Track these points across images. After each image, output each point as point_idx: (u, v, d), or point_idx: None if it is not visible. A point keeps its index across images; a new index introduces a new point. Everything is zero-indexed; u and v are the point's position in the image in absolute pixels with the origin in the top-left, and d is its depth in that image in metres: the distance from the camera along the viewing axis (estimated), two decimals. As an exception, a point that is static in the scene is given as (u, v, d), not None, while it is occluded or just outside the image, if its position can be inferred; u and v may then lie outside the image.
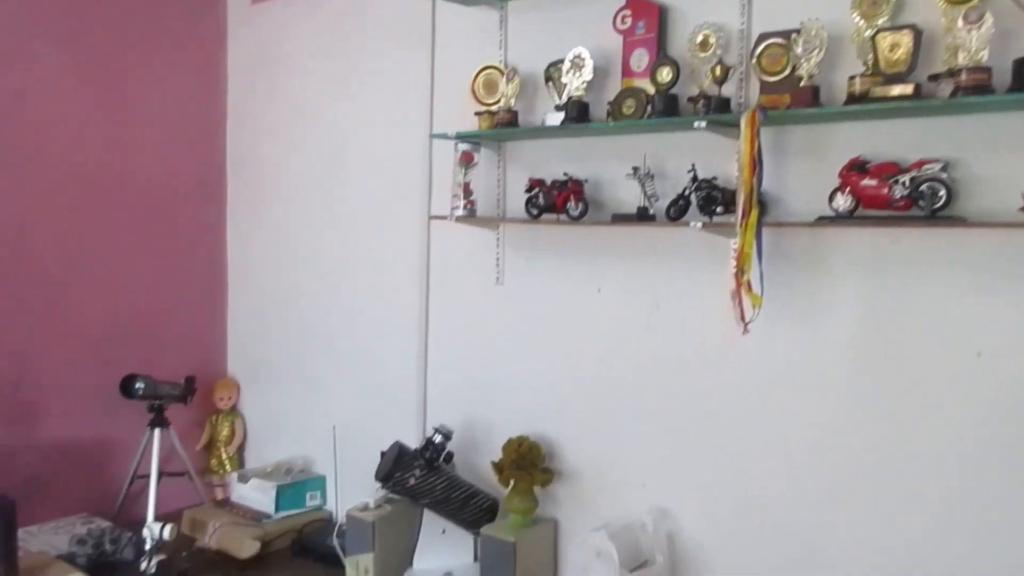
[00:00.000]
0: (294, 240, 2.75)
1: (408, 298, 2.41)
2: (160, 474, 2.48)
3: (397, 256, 2.44)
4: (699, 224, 1.65)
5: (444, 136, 2.11)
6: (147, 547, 2.27)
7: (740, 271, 1.54)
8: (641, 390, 1.97)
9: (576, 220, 1.89)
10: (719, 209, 1.70)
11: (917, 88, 1.47)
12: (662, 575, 1.82)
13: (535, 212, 1.97)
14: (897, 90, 1.47)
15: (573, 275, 2.07)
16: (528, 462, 2.02)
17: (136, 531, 2.33)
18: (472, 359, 2.29)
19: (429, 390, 2.40)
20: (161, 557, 2.24)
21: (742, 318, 1.58)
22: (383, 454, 2.37)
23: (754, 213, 1.53)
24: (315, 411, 2.71)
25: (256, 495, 2.59)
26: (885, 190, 1.50)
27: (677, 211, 1.75)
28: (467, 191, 2.08)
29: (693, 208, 1.75)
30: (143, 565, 2.25)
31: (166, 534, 2.27)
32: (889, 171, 1.51)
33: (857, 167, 1.54)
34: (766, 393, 1.77)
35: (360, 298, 2.56)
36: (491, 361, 2.25)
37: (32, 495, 2.44)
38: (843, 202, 1.55)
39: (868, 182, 1.52)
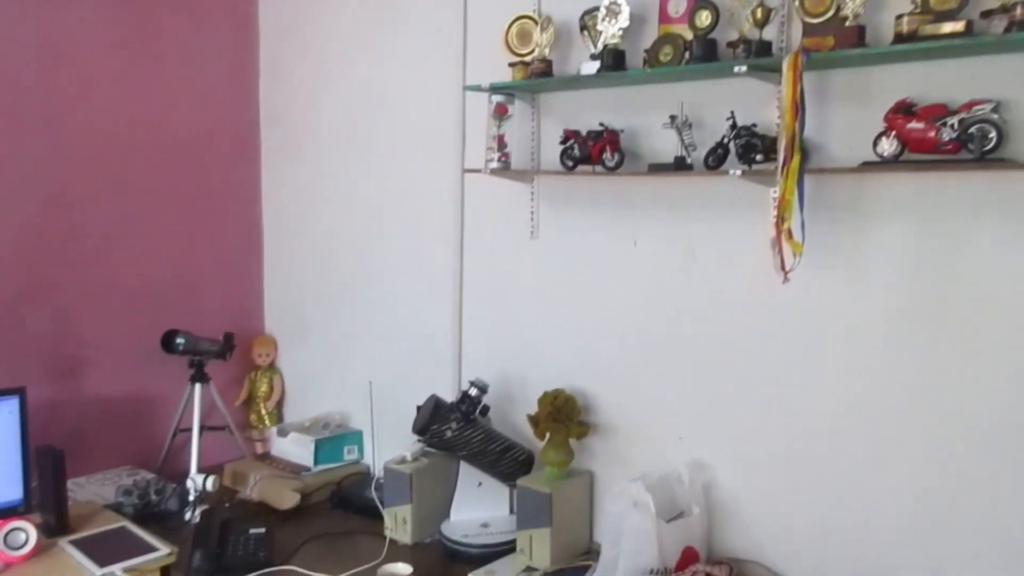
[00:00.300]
0: (327, 197, 2.75)
1: (442, 253, 2.41)
2: (202, 428, 2.54)
3: (431, 211, 2.43)
4: (738, 172, 1.62)
5: (478, 88, 2.09)
6: (191, 498, 2.34)
7: (780, 219, 1.51)
8: (677, 343, 1.95)
9: (612, 171, 1.87)
10: (759, 157, 1.66)
11: (968, 25, 1.41)
12: (698, 526, 1.82)
13: (570, 164, 1.95)
14: (948, 28, 1.42)
15: (608, 228, 2.05)
16: (564, 415, 2.02)
17: (179, 483, 2.40)
18: (507, 313, 2.29)
19: (464, 345, 2.40)
20: (204, 507, 2.30)
21: (782, 267, 1.56)
22: (419, 408, 2.39)
23: (796, 159, 1.49)
24: (351, 367, 2.73)
25: (295, 449, 2.63)
26: (932, 133, 1.46)
27: (716, 159, 1.72)
28: (501, 144, 2.06)
29: (732, 157, 1.72)
30: (187, 515, 2.31)
31: (209, 485, 2.34)
32: (937, 113, 1.46)
33: (903, 110, 1.49)
34: (806, 344, 1.74)
35: (394, 253, 2.57)
36: (526, 315, 2.25)
37: (79, 447, 2.50)
38: (888, 146, 1.51)
39: (915, 125, 1.47)
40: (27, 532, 1.94)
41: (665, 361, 1.98)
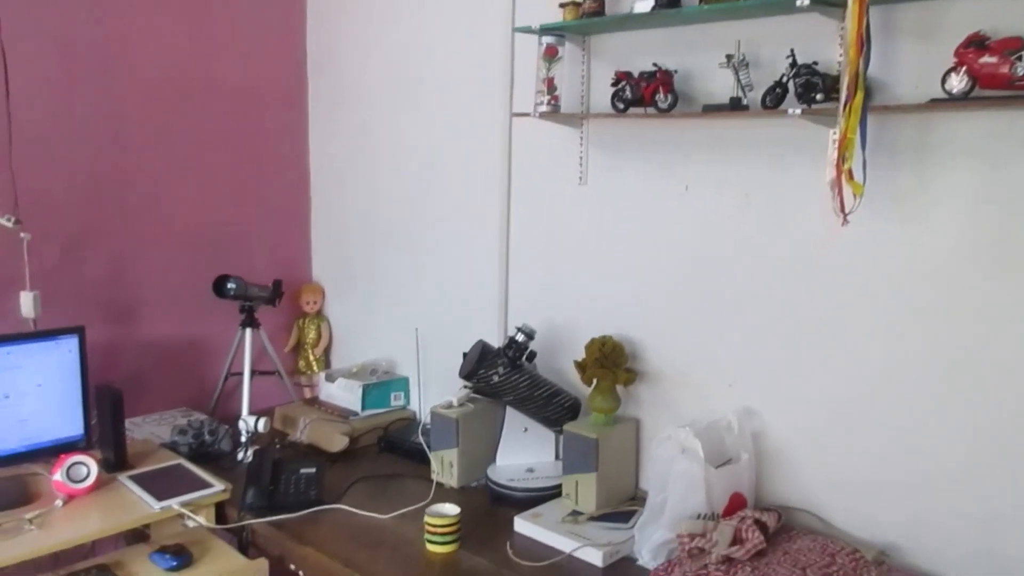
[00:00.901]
0: (374, 144, 2.75)
1: (489, 199, 2.39)
2: (252, 372, 2.59)
3: (478, 157, 2.41)
4: (798, 111, 1.57)
5: (527, 30, 2.05)
6: (243, 439, 2.39)
7: (841, 158, 1.46)
8: (728, 289, 1.92)
9: (665, 113, 1.83)
10: (819, 96, 1.61)
11: (1049, -49, 1.34)
12: (746, 472, 1.81)
13: (621, 106, 1.91)
14: (1026, -45, 1.35)
15: (659, 173, 2.01)
16: (611, 361, 2.01)
17: (232, 424, 2.45)
18: (554, 260, 2.28)
19: (510, 292, 2.40)
20: (256, 447, 2.35)
21: (842, 209, 1.51)
22: (465, 354, 2.40)
23: (859, 96, 1.44)
24: (398, 315, 2.75)
25: (343, 394, 2.67)
26: (1006, 68, 1.39)
27: (774, 99, 1.67)
28: (551, 86, 2.03)
29: (790, 97, 1.66)
30: (240, 455, 2.37)
31: (261, 426, 2.39)
32: (1012, 47, 1.39)
33: (975, 44, 1.43)
34: (862, 289, 1.70)
35: (441, 200, 2.56)
36: (573, 262, 2.23)
37: (135, 389, 2.57)
38: (958, 83, 1.44)
39: (987, 60, 1.41)
40: (88, 466, 2.01)
41: (715, 308, 1.95)
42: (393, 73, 2.64)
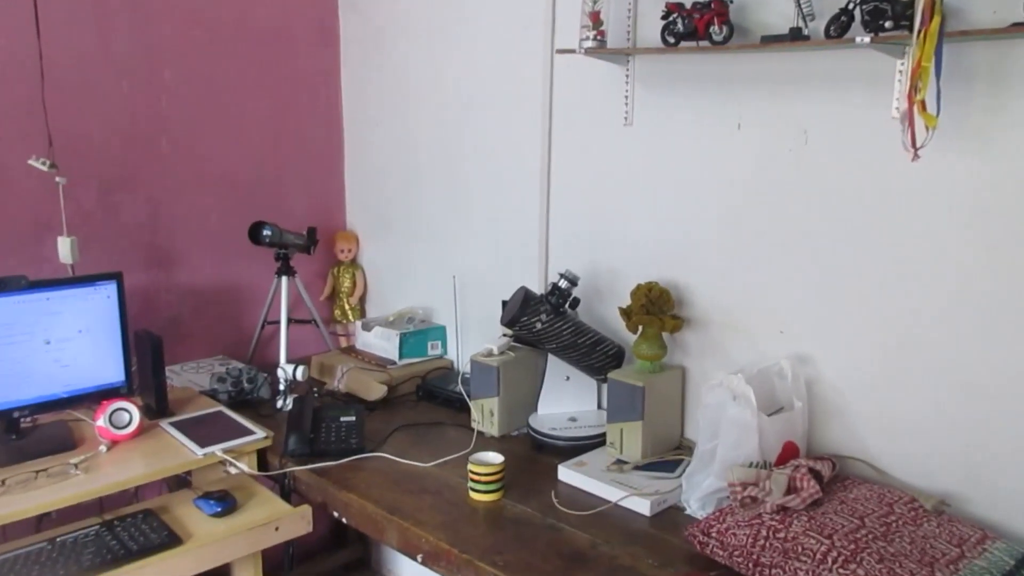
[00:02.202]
0: (409, 84, 2.67)
1: (529, 141, 2.32)
2: (289, 320, 2.57)
3: (518, 96, 2.33)
4: (867, 39, 1.47)
5: (571, -39, 1.96)
6: (281, 387, 2.38)
7: (914, 88, 1.37)
8: (781, 231, 1.85)
9: (720, 46, 1.73)
10: (888, 24, 1.50)
11: None
12: (799, 420, 1.76)
13: (672, 40, 1.82)
14: None
15: (710, 111, 1.93)
16: (657, 307, 1.96)
17: (270, 372, 2.44)
18: (597, 205, 2.21)
19: (551, 238, 2.34)
20: (295, 395, 2.34)
21: (912, 143, 1.42)
22: (504, 302, 2.36)
23: (936, 20, 1.34)
24: (433, 262, 2.71)
25: (380, 343, 2.65)
26: (1099, -12, 1.29)
27: (839, 28, 1.57)
28: (596, 20, 1.93)
29: (855, 25, 1.57)
30: (279, 402, 2.36)
31: (299, 375, 2.37)
32: (1106, -36, 1.29)
33: (1065, -38, 1.32)
34: (930, 227, 1.61)
35: (479, 143, 2.49)
36: (617, 206, 2.16)
37: (174, 336, 2.56)
38: (1044, 5, 1.34)
39: (1078, -21, 1.31)
40: (131, 412, 2.01)
41: (767, 252, 1.88)
42: (428, 9, 2.55)
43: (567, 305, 2.05)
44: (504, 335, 2.24)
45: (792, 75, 1.77)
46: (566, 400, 2.20)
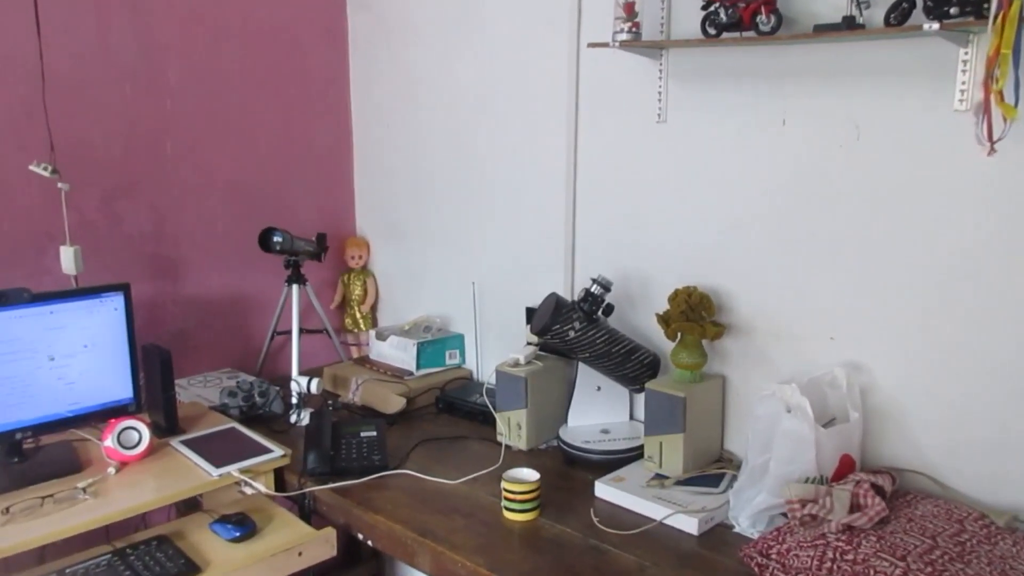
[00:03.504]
0: (420, 84, 2.56)
1: (552, 141, 2.22)
2: (300, 330, 2.46)
3: (540, 94, 2.23)
4: (935, 25, 1.38)
5: (601, -50, 1.86)
6: (294, 401, 2.27)
7: (992, 78, 1.28)
8: (831, 232, 1.75)
9: (768, 36, 1.64)
10: (953, 11, 1.41)
11: None
12: (856, 432, 1.66)
13: (714, 32, 1.72)
14: None
15: (751, 107, 1.83)
16: (698, 314, 1.86)
17: (282, 385, 2.33)
18: (627, 206, 2.11)
19: (577, 242, 2.23)
20: (311, 410, 2.23)
21: (988, 136, 1.33)
22: (529, 309, 2.26)
23: (1016, 4, 1.25)
24: (449, 268, 2.60)
25: (396, 353, 2.54)
26: None
27: (900, 15, 1.48)
28: (631, 12, 1.84)
29: (918, 12, 1.48)
30: (293, 417, 2.25)
31: (314, 388, 2.27)
32: None
33: None
34: (1000, 227, 1.51)
35: (499, 142, 2.38)
36: (650, 208, 2.06)
37: (180, 348, 2.44)
38: None
39: None
40: (140, 432, 1.90)
41: (816, 254, 1.78)
42: (441, 5, 2.45)
43: (600, 312, 1.95)
44: (529, 343, 2.14)
45: (842, 67, 1.68)
46: (597, 411, 2.10)
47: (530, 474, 1.77)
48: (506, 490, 1.73)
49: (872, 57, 1.63)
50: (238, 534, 1.71)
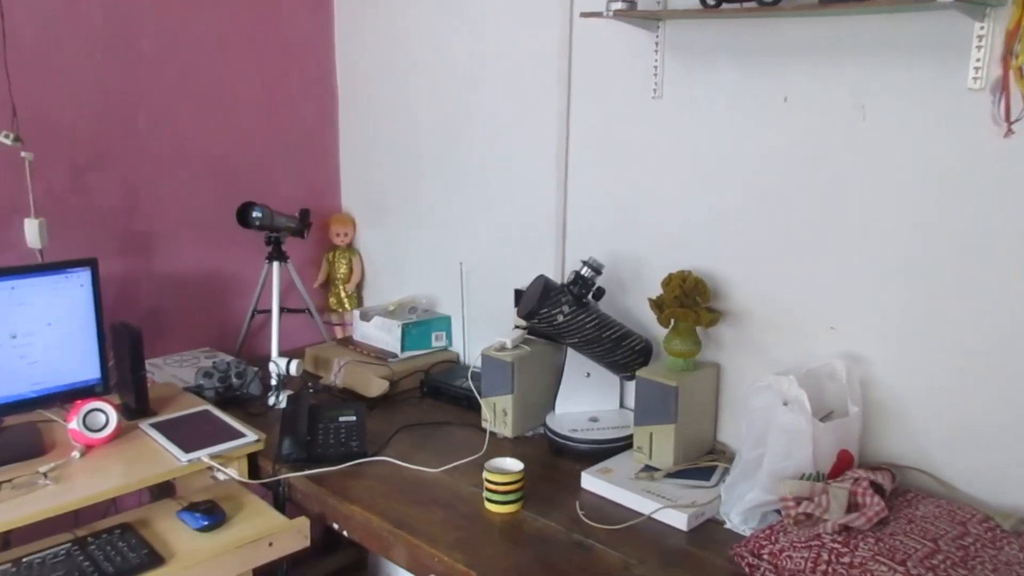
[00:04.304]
0: (409, 53, 2.46)
1: (544, 116, 2.12)
2: (281, 309, 2.37)
3: (531, 66, 2.13)
4: (952, -4, 1.29)
5: (597, -86, 1.76)
6: (273, 382, 2.19)
7: (1010, 53, 1.19)
8: (834, 217, 1.66)
9: (771, 7, 1.54)
10: (970, -19, 1.32)
11: None
12: (855, 427, 1.58)
13: (713, 2, 1.63)
14: None
15: (751, 82, 1.74)
16: (692, 299, 1.78)
17: (260, 366, 2.25)
18: (621, 186, 2.02)
19: (568, 222, 2.14)
20: (290, 392, 2.15)
21: (1006, 116, 1.24)
22: (518, 291, 2.18)
23: (1041, -27, 1.16)
24: (436, 247, 2.51)
25: (380, 334, 2.45)
26: None
27: (914, -16, 1.38)
28: (627, -21, 1.74)
29: (932, -18, 1.38)
30: (271, 399, 2.17)
31: (293, 369, 2.18)
32: None
33: None
34: (1018, 214, 1.43)
35: (487, 118, 2.29)
36: (643, 188, 1.97)
37: (155, 327, 2.36)
38: None
39: None
40: (107, 414, 1.81)
41: (816, 239, 1.70)
42: (432, -27, 2.35)
43: (590, 295, 1.87)
44: (517, 327, 2.06)
45: (848, 42, 1.58)
46: (586, 398, 2.02)
47: (513, 464, 1.70)
48: (488, 481, 1.65)
49: (880, 31, 1.54)
50: (206, 523, 1.63)
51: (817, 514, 1.42)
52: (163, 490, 2.00)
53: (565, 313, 1.82)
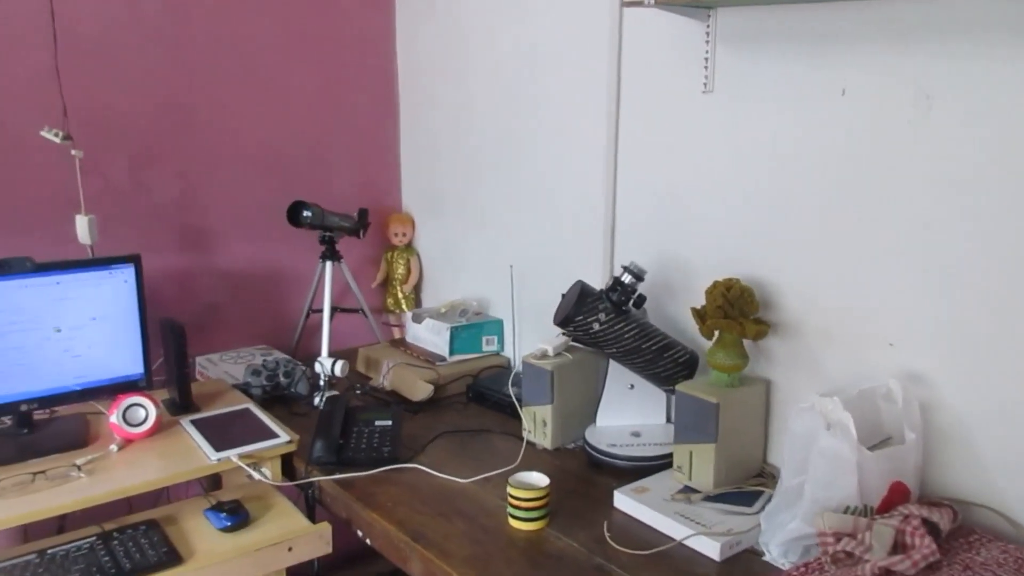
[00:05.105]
0: (466, 47, 2.41)
1: (595, 112, 2.02)
2: (334, 309, 2.37)
3: (582, 61, 2.04)
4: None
5: None
6: (321, 382, 2.19)
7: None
8: (896, 222, 1.50)
9: (822, -12, 1.40)
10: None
11: None
12: (911, 456, 1.42)
13: (762, -14, 1.50)
14: None
15: (806, 74, 1.59)
16: (738, 309, 1.64)
17: (311, 365, 2.25)
18: (670, 187, 1.90)
19: (618, 225, 2.04)
20: (333, 393, 2.14)
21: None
22: (564, 296, 2.09)
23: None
24: (491, 248, 2.45)
25: (430, 336, 2.41)
26: None
27: (980, -41, 1.22)
28: (671, -35, 1.62)
29: (1004, -45, 1.22)
30: (317, 399, 2.16)
31: (338, 370, 2.17)
32: None
33: None
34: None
35: (542, 115, 2.21)
36: (693, 189, 1.85)
37: (214, 322, 2.41)
38: None
39: None
40: (146, 408, 1.84)
41: (876, 246, 1.54)
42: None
43: (631, 303, 1.76)
44: (564, 333, 1.97)
45: (912, 25, 1.42)
46: (629, 411, 1.92)
47: (539, 479, 1.61)
48: (511, 496, 1.58)
49: (949, 13, 1.37)
50: (228, 524, 1.63)
51: (858, 553, 1.27)
52: (215, 483, 2.03)
53: (602, 321, 1.72)
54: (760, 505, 1.58)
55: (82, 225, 1.98)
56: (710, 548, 1.46)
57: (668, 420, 1.93)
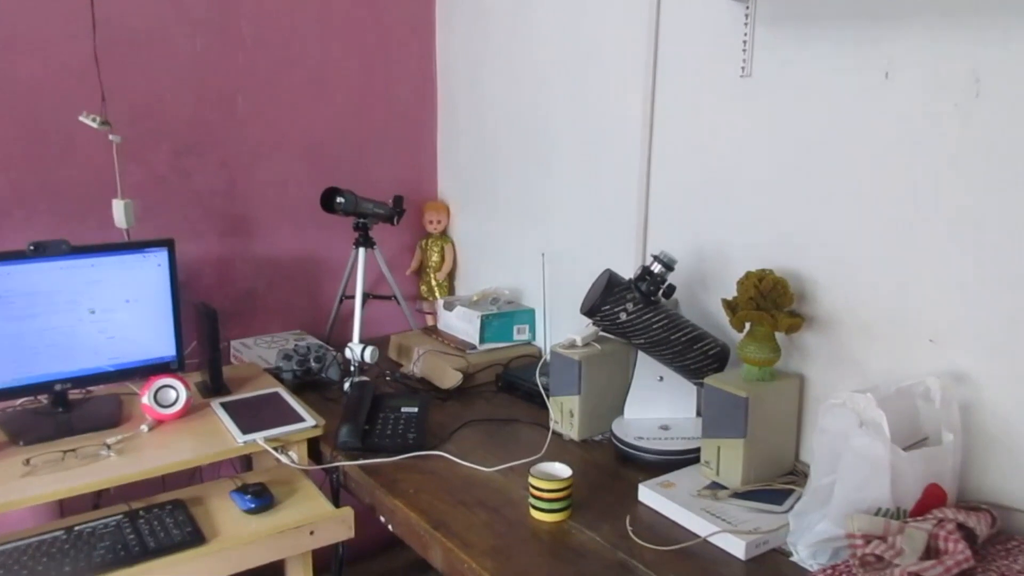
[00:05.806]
0: (504, 35, 2.38)
1: (631, 98, 1.98)
2: (366, 296, 2.37)
3: (620, 43, 1.99)
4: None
5: None
6: (352, 368, 2.19)
7: None
8: (939, 212, 1.43)
9: (862, -34, 1.34)
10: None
11: None
12: (950, 457, 1.35)
13: (800, -35, 1.44)
14: None
15: (849, 56, 1.53)
16: (771, 301, 1.59)
17: (342, 351, 2.25)
18: (705, 174, 1.85)
19: (651, 212, 2.00)
20: (362, 379, 2.14)
21: None
22: (593, 285, 2.05)
23: None
24: (525, 237, 2.43)
25: (461, 324, 2.40)
26: None
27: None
28: (707, -55, 1.57)
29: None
30: (347, 385, 2.17)
31: (368, 356, 2.17)
32: None
33: None
34: None
35: (578, 101, 2.17)
36: (730, 176, 1.79)
37: (251, 307, 2.44)
38: None
39: None
40: (177, 390, 1.86)
41: (918, 238, 1.47)
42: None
43: (660, 293, 1.72)
44: (591, 323, 1.94)
45: (960, 5, 1.35)
46: (658, 404, 1.88)
47: (562, 470, 1.59)
48: (533, 486, 1.56)
49: (1001, -9, 1.30)
50: (253, 506, 1.64)
51: (888, 557, 1.22)
52: (247, 464, 2.05)
53: (629, 311, 1.69)
54: (790, 504, 1.53)
55: (119, 209, 2.01)
56: (735, 546, 1.42)
57: (698, 414, 1.88)
